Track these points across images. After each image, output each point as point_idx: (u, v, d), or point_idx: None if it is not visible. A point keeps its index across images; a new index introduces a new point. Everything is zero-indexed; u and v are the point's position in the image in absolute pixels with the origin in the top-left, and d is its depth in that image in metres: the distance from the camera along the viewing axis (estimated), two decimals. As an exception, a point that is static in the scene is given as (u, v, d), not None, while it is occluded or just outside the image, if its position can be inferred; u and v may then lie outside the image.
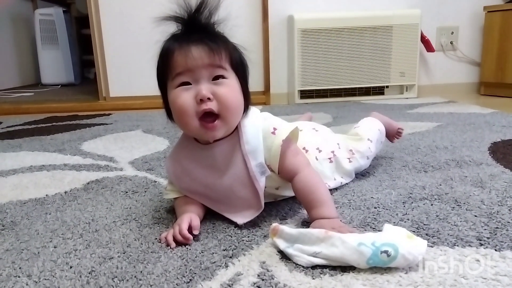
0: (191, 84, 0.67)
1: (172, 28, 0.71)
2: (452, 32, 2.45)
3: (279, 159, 0.72)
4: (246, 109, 0.73)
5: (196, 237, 0.69)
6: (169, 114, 0.73)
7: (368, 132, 0.99)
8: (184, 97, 0.67)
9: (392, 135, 1.09)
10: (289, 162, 0.73)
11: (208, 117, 0.67)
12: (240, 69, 0.72)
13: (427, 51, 2.38)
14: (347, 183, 0.92)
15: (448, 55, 2.49)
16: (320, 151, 0.89)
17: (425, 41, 2.34)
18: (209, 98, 0.66)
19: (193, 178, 0.75)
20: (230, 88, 0.68)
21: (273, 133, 0.72)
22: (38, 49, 3.34)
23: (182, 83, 0.67)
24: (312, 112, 1.88)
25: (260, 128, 0.72)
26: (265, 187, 0.75)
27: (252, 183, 0.72)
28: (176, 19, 0.70)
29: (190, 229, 0.68)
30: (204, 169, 0.74)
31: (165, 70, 0.70)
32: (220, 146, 0.72)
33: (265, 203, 0.80)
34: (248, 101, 0.73)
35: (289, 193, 0.80)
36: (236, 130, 0.73)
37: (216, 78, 0.68)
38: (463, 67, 2.50)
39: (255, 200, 0.73)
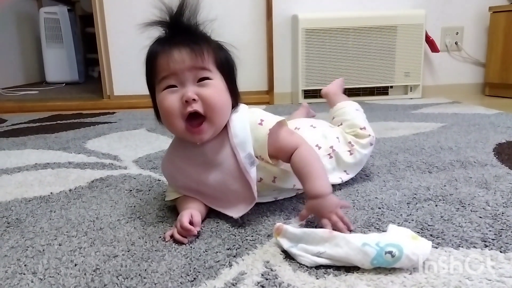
0: (177, 87, 0.68)
1: (160, 31, 0.72)
2: (457, 32, 2.44)
3: (271, 147, 0.72)
4: (234, 106, 0.74)
5: (198, 234, 0.69)
6: (158, 116, 0.74)
7: (358, 121, 0.97)
8: (170, 100, 0.68)
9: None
10: (286, 142, 0.74)
11: (194, 119, 0.68)
12: (226, 68, 0.72)
13: (432, 52, 2.37)
14: (347, 181, 0.91)
15: (452, 56, 2.48)
16: (319, 147, 0.89)
17: (429, 41, 2.33)
18: (194, 100, 0.67)
19: (186, 176, 0.76)
20: (215, 89, 0.69)
21: (260, 124, 0.73)
22: (43, 47, 3.35)
23: (168, 86, 0.69)
24: (316, 112, 1.88)
25: (247, 121, 0.73)
26: (261, 179, 0.75)
27: (244, 175, 0.72)
28: (159, 23, 0.71)
29: (192, 225, 0.69)
30: (196, 166, 0.75)
31: (152, 74, 0.71)
32: (210, 143, 0.73)
33: (268, 203, 0.81)
34: (236, 99, 0.74)
35: (288, 184, 0.80)
36: (225, 127, 0.74)
37: (201, 79, 0.68)
38: (467, 67, 2.49)
39: (247, 193, 0.73)
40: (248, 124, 0.73)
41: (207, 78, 0.69)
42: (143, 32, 0.70)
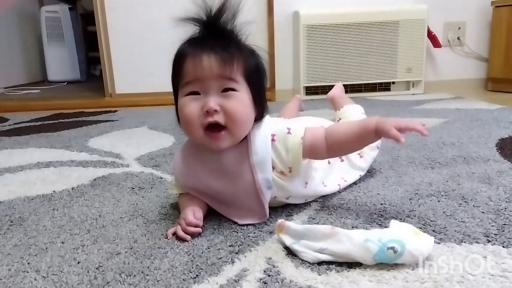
0: (200, 94, 0.66)
1: (186, 28, 0.69)
2: (459, 27, 2.43)
3: (304, 152, 0.71)
4: (259, 117, 0.71)
5: (200, 231, 0.69)
6: (179, 117, 0.71)
7: None
8: (191, 107, 0.66)
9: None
10: (314, 136, 0.72)
11: (214, 128, 0.66)
12: (255, 79, 0.69)
13: (434, 47, 2.36)
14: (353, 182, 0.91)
15: (455, 51, 2.47)
16: None
17: (431, 36, 2.32)
18: (216, 110, 0.65)
19: (198, 179, 0.74)
20: (239, 101, 0.66)
21: (289, 133, 0.71)
22: (44, 46, 3.35)
23: (191, 92, 0.66)
24: (318, 109, 1.88)
25: (269, 138, 0.70)
26: (275, 197, 0.74)
27: (258, 194, 0.71)
28: (194, 21, 0.68)
29: None
30: (210, 172, 0.73)
31: (177, 76, 0.69)
32: (229, 153, 0.71)
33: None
34: (262, 110, 0.71)
35: (300, 201, 0.79)
36: (245, 139, 0.71)
37: (226, 90, 0.66)
38: (470, 62, 2.48)
39: (259, 209, 0.72)
40: (270, 141, 0.70)
41: (233, 89, 0.66)
42: (178, 26, 0.67)
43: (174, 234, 0.69)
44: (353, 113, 1.02)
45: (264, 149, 0.70)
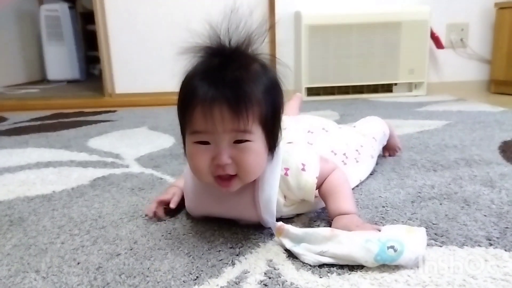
0: (210, 143, 0.61)
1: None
2: (462, 29, 2.42)
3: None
4: (272, 151, 0.66)
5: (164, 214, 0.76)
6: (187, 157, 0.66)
7: (373, 130, 1.00)
8: (201, 158, 0.61)
9: (390, 148, 1.09)
10: (325, 173, 0.72)
11: (225, 175, 0.62)
12: (271, 121, 0.63)
13: (437, 48, 2.35)
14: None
15: (458, 52, 2.46)
16: (335, 154, 0.87)
17: (434, 38, 2.31)
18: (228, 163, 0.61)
19: (205, 206, 0.73)
20: (252, 153, 0.61)
21: (303, 169, 0.69)
22: (44, 45, 3.35)
23: (201, 141, 0.61)
24: (319, 110, 1.88)
25: (278, 178, 0.68)
26: (281, 216, 0.73)
27: (260, 223, 0.70)
28: (208, 50, 0.61)
29: (168, 203, 0.76)
30: (210, 196, 0.71)
31: (184, 116, 0.62)
32: None
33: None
34: (276, 144, 0.66)
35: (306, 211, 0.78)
36: None
37: (239, 141, 0.61)
38: (473, 64, 2.47)
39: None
40: (278, 181, 0.68)
41: (246, 140, 0.61)
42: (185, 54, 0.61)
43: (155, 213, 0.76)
44: (369, 120, 1.04)
45: (271, 188, 0.67)
